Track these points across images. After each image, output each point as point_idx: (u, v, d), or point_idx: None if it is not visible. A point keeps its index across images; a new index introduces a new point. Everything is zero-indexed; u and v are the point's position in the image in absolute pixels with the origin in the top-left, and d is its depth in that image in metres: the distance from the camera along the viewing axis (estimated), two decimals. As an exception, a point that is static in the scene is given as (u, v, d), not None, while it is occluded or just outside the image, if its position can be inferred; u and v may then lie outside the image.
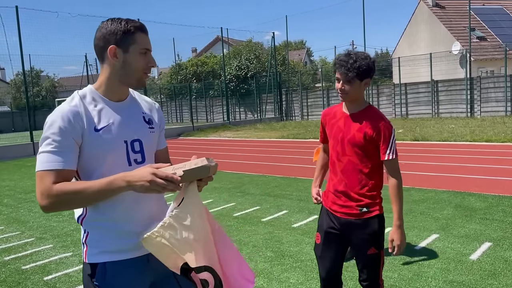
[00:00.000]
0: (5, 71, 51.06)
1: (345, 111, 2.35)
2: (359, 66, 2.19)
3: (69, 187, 1.46)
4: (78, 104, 1.55)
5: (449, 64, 21.90)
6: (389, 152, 2.23)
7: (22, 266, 4.27)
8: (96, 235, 1.59)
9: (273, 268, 3.87)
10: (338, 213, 2.36)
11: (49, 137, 1.48)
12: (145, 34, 1.61)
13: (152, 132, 1.71)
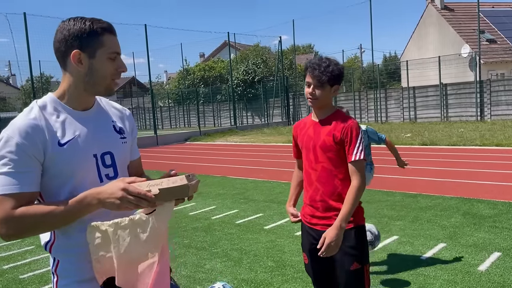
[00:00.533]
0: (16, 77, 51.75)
1: (314, 119, 2.30)
2: (332, 70, 2.15)
3: (33, 210, 1.30)
4: (38, 116, 1.37)
5: (458, 67, 21.63)
6: (356, 152, 2.14)
7: (20, 276, 4.21)
8: (67, 263, 1.44)
9: (273, 278, 3.76)
10: (318, 226, 2.23)
11: (5, 156, 1.30)
12: (114, 35, 1.44)
13: (124, 143, 1.57)
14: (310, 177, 2.28)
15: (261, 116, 28.22)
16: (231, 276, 3.87)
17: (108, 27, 1.42)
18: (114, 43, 1.43)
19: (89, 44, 1.38)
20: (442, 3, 27.40)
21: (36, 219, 1.30)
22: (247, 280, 3.75)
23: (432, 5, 27.71)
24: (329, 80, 2.15)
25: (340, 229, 2.08)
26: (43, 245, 1.49)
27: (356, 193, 2.12)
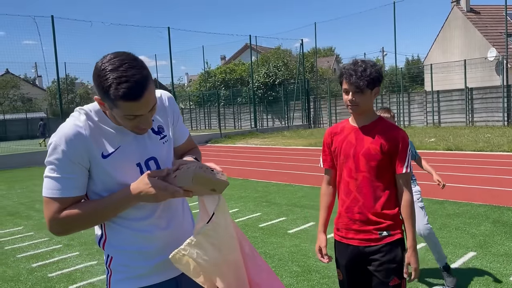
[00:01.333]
0: (42, 78, 53.10)
1: (354, 124, 2.14)
2: (370, 73, 2.01)
3: (75, 213, 1.40)
4: (84, 125, 1.41)
5: (484, 71, 21.15)
6: (406, 164, 2.04)
7: (49, 274, 4.30)
8: (121, 259, 1.50)
9: (299, 284, 3.74)
10: (354, 241, 2.11)
11: (53, 162, 1.38)
12: (132, 101, 1.31)
13: (165, 142, 1.57)
14: (348, 187, 2.13)
15: (281, 118, 28.19)
16: (256, 280, 3.86)
17: (124, 95, 1.29)
18: (131, 108, 1.33)
19: (106, 99, 1.35)
20: (468, 5, 26.86)
21: (78, 220, 1.41)
22: (273, 285, 3.73)
23: (457, 7, 27.19)
24: (368, 85, 2.02)
25: (415, 249, 2.04)
26: (96, 241, 1.56)
27: (412, 207, 2.05)
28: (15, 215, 7.10)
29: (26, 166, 14.86)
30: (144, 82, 1.32)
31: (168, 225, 1.52)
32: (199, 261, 1.41)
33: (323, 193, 2.32)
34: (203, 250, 1.42)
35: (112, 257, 1.51)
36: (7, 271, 4.46)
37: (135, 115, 1.36)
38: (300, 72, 27.47)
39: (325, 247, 2.23)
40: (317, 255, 2.26)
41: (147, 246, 1.48)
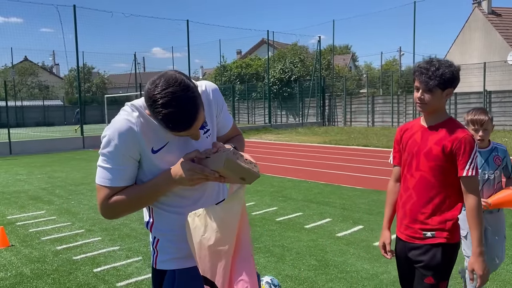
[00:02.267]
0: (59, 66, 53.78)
1: (423, 123, 2.15)
2: (442, 73, 1.98)
3: (122, 199, 1.51)
4: (135, 121, 1.49)
5: (504, 74, 20.87)
6: (468, 167, 1.99)
7: (73, 257, 4.45)
8: (165, 241, 1.61)
9: (317, 277, 3.81)
10: (402, 235, 2.18)
11: (105, 154, 1.49)
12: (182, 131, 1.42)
13: (208, 136, 1.64)
14: (406, 183, 2.17)
15: (295, 115, 28.19)
16: (275, 271, 3.95)
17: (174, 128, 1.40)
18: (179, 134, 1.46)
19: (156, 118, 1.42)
20: (490, 7, 26.47)
21: (124, 205, 1.52)
22: (291, 277, 3.82)
23: (478, 9, 26.80)
24: (439, 84, 1.99)
25: (480, 255, 1.99)
26: (144, 224, 1.67)
27: (478, 212, 1.99)
28: (37, 200, 7.29)
29: (44, 152, 15.16)
30: (194, 113, 1.39)
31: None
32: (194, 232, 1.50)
33: (390, 190, 2.33)
34: (200, 226, 1.48)
35: (158, 239, 1.62)
36: (33, 252, 4.62)
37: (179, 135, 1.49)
38: (316, 69, 27.40)
39: (389, 244, 2.28)
40: (381, 250, 2.32)
41: None
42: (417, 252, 2.11)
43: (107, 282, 3.80)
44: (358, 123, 24.96)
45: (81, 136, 16.85)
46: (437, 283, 2.06)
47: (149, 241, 1.70)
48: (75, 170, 10.65)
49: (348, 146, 14.79)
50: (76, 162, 12.46)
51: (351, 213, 5.91)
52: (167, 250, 1.60)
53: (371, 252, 4.38)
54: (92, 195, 7.51)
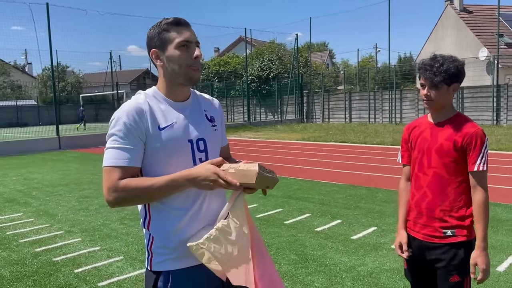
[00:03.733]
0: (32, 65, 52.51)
1: (431, 120, 2.14)
2: (447, 69, 1.97)
3: (134, 183, 1.48)
4: (143, 102, 1.57)
5: (475, 70, 21.51)
6: (479, 162, 1.97)
7: (53, 258, 4.42)
8: (162, 241, 1.59)
9: (297, 271, 3.91)
10: (419, 235, 2.14)
11: (115, 133, 1.51)
12: (182, 26, 1.58)
13: (215, 130, 1.72)
14: (419, 181, 2.14)
15: (274, 112, 28.35)
16: (256, 266, 4.02)
17: (174, 21, 1.57)
18: (182, 33, 1.56)
19: (161, 41, 1.57)
20: (461, 5, 27.18)
21: (135, 191, 1.49)
22: (272, 271, 3.90)
23: (450, 6, 27.49)
24: (444, 80, 1.98)
25: (484, 249, 1.98)
26: (141, 224, 1.65)
27: (485, 207, 1.98)
28: (12, 202, 7.17)
29: (18, 153, 14.84)
30: (188, 22, 1.62)
31: (207, 212, 1.61)
32: (215, 254, 1.52)
33: (402, 189, 2.30)
34: (219, 245, 1.52)
35: (153, 237, 1.60)
36: (11, 255, 4.57)
37: (187, 42, 1.56)
38: (294, 67, 27.60)
39: (406, 243, 2.22)
40: (397, 250, 2.25)
41: (184, 228, 1.57)
42: (438, 251, 2.08)
43: (89, 282, 3.80)
44: (336, 120, 25.29)
45: (57, 136, 16.54)
46: (462, 280, 2.06)
47: (144, 243, 1.67)
48: (51, 171, 10.48)
49: (326, 142, 15.00)
50: (53, 163, 12.25)
51: (330, 208, 6.05)
52: (162, 251, 1.59)
53: (349, 246, 4.51)
54: (70, 196, 7.43)
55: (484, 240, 1.98)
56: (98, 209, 6.42)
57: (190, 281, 1.59)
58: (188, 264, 1.58)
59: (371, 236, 4.78)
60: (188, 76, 1.58)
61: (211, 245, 1.53)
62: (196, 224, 1.59)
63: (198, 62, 1.59)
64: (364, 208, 6.00)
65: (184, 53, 1.56)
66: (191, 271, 1.59)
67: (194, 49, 1.58)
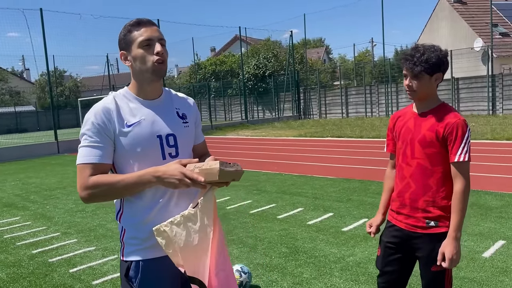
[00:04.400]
0: (29, 71, 52.53)
1: (415, 110, 2.14)
2: (427, 58, 1.96)
3: (103, 180, 1.58)
4: (110, 102, 1.67)
5: (470, 61, 21.54)
6: (460, 153, 1.97)
7: (49, 259, 4.50)
8: (132, 232, 1.68)
9: (287, 263, 3.99)
10: (402, 224, 2.16)
11: (85, 133, 1.62)
12: (145, 26, 1.66)
13: (187, 127, 1.79)
14: (402, 172, 2.16)
15: (272, 110, 28.41)
16: (247, 260, 4.10)
17: (136, 22, 1.67)
18: (143, 33, 1.65)
19: (126, 42, 1.68)
20: (455, -4, 27.19)
21: (104, 187, 1.58)
22: (262, 264, 3.98)
23: (444, -2, 27.50)
24: (425, 70, 1.98)
25: (456, 239, 1.97)
26: (115, 216, 1.75)
27: (463, 198, 1.98)
28: (11, 206, 7.25)
29: (17, 159, 14.92)
30: (151, 20, 1.69)
31: (177, 205, 1.69)
32: (175, 239, 1.60)
33: (387, 176, 2.35)
34: (181, 231, 1.60)
35: (125, 230, 1.70)
36: (8, 257, 4.65)
37: (149, 40, 1.64)
38: (289, 64, 27.65)
39: (376, 226, 2.30)
40: (367, 227, 2.37)
41: (154, 220, 1.65)
42: (420, 241, 2.10)
43: (83, 281, 3.88)
44: (333, 115, 25.35)
45: (56, 141, 16.62)
46: (444, 270, 2.08)
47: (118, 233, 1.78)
48: (50, 175, 10.56)
49: (322, 138, 15.07)
50: (51, 167, 12.34)
51: (322, 202, 6.12)
52: (132, 241, 1.68)
53: (339, 237, 4.59)
54: (68, 199, 7.51)
55: (456, 230, 1.98)
56: (95, 211, 6.50)
57: (159, 270, 1.67)
58: (157, 255, 1.66)
59: (362, 228, 4.86)
60: (153, 70, 1.67)
61: (174, 228, 1.60)
62: (165, 217, 1.66)
63: (162, 57, 1.67)
64: (357, 200, 6.08)
65: (147, 51, 1.65)
66: (161, 261, 1.67)
67: (156, 46, 1.66)
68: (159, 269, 1.67)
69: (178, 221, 1.61)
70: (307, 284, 3.53)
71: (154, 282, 1.67)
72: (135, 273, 1.66)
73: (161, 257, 1.67)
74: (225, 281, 1.72)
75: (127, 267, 1.68)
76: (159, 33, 1.68)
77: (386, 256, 2.26)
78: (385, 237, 2.28)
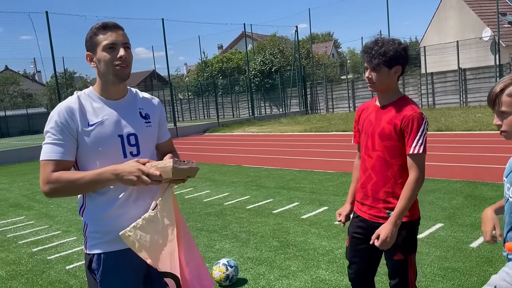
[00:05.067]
0: (41, 73, 53.27)
1: (377, 103, 2.20)
2: (385, 51, 2.01)
3: (64, 176, 1.67)
4: (74, 101, 1.74)
5: (479, 51, 21.24)
6: (415, 145, 2.02)
7: (48, 257, 4.64)
8: (93, 226, 1.77)
9: (276, 256, 4.05)
10: (365, 215, 2.24)
11: (48, 131, 1.70)
12: (109, 30, 1.72)
13: (149, 126, 1.85)
14: (365, 164, 2.23)
15: (278, 106, 28.40)
16: (238, 254, 4.18)
17: (102, 25, 1.72)
18: (108, 37, 1.71)
19: (91, 44, 1.75)
20: (462, -15, 26.78)
21: (66, 183, 1.67)
22: (252, 258, 4.05)
23: (451, -12, 27.12)
24: (384, 63, 2.03)
25: (395, 225, 2.03)
26: (78, 211, 1.84)
27: (413, 188, 2.03)
28: (17, 206, 7.44)
29: (28, 160, 15.21)
30: (117, 24, 1.75)
31: (137, 200, 1.77)
32: (141, 242, 1.69)
33: (354, 166, 2.43)
34: (145, 233, 1.70)
35: (87, 224, 1.79)
36: (9, 255, 4.80)
37: (113, 44, 1.70)
38: (296, 59, 27.59)
39: (345, 215, 2.39)
40: (337, 216, 2.45)
41: (114, 215, 1.74)
42: None
43: (78, 277, 4.00)
44: (340, 109, 25.25)
45: (64, 141, 16.86)
46: (406, 258, 2.16)
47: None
48: (57, 176, 10.76)
49: (327, 132, 15.06)
50: (59, 167, 12.55)
51: (319, 196, 6.16)
52: (94, 235, 1.77)
53: (331, 231, 4.63)
54: (71, 198, 7.67)
55: (397, 217, 2.03)
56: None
57: (119, 262, 1.76)
58: (118, 248, 1.75)
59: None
60: (116, 73, 1.74)
61: (138, 232, 1.69)
62: (125, 212, 1.75)
63: (124, 61, 1.74)
64: (353, 194, 6.10)
65: (110, 54, 1.72)
66: (121, 253, 1.76)
67: (120, 50, 1.73)
68: (120, 260, 1.76)
69: (141, 225, 1.70)
70: (293, 276, 3.59)
71: (115, 273, 1.76)
72: (97, 265, 1.76)
73: (121, 250, 1.75)
74: (195, 269, 1.83)
75: (90, 260, 1.78)
76: (124, 37, 1.75)
77: (353, 246, 2.33)
78: (351, 228, 2.34)
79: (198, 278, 1.83)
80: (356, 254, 2.33)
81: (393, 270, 2.21)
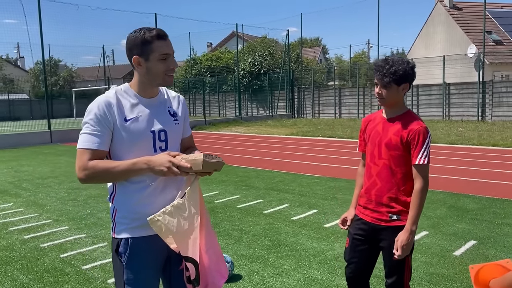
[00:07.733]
0: (24, 59, 52.27)
1: (384, 115, 2.39)
2: (395, 71, 2.21)
3: (101, 164, 1.78)
4: (113, 96, 1.85)
5: (464, 67, 21.86)
6: (420, 156, 2.22)
7: (41, 244, 4.66)
8: (122, 212, 1.89)
9: (269, 255, 4.18)
10: (368, 218, 2.40)
11: (87, 122, 1.81)
12: (164, 40, 1.83)
13: (177, 124, 1.99)
14: (370, 171, 2.40)
15: (265, 108, 28.59)
16: (232, 251, 4.30)
17: (157, 35, 1.82)
18: (163, 47, 1.83)
19: (144, 50, 1.83)
20: (451, 2, 27.52)
21: (102, 171, 1.79)
22: (246, 255, 4.18)
23: (440, 3, 27.83)
24: (393, 81, 2.23)
25: (411, 232, 2.20)
26: (107, 198, 1.95)
27: (420, 196, 2.22)
28: (3, 193, 7.38)
29: (10, 147, 14.99)
30: (167, 34, 1.87)
31: (164, 190, 1.89)
32: (168, 227, 1.82)
33: (358, 173, 2.60)
34: (173, 219, 1.83)
35: (116, 210, 1.91)
36: (1, 241, 4.80)
37: (166, 54, 1.82)
38: (285, 62, 27.82)
39: (350, 220, 2.52)
40: (339, 222, 2.59)
41: (143, 202, 1.86)
42: (384, 232, 2.34)
43: (73, 265, 4.06)
44: (326, 115, 25.59)
45: (49, 130, 16.68)
46: (404, 258, 2.30)
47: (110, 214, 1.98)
48: (42, 164, 10.68)
49: (313, 137, 15.29)
50: (44, 156, 12.44)
51: (308, 199, 6.33)
52: (123, 221, 1.89)
53: (321, 233, 4.79)
54: (60, 188, 7.66)
55: (412, 224, 2.22)
56: (86, 200, 6.66)
57: (145, 247, 1.89)
58: (145, 234, 1.88)
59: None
60: (165, 81, 1.90)
61: (166, 217, 1.83)
62: (153, 201, 1.87)
63: (173, 70, 1.90)
64: (341, 199, 6.29)
65: (164, 64, 1.86)
66: (147, 239, 1.89)
67: (172, 60, 1.88)
68: (145, 246, 1.89)
69: (169, 211, 1.83)
70: (286, 274, 3.73)
71: (140, 257, 1.89)
72: (124, 249, 1.88)
73: (147, 236, 1.88)
74: (214, 257, 2.00)
75: (117, 244, 1.90)
76: (172, 46, 1.89)
77: (353, 247, 2.49)
78: (353, 230, 2.51)
79: (216, 265, 1.98)
80: (355, 254, 2.49)
81: (391, 269, 2.39)
